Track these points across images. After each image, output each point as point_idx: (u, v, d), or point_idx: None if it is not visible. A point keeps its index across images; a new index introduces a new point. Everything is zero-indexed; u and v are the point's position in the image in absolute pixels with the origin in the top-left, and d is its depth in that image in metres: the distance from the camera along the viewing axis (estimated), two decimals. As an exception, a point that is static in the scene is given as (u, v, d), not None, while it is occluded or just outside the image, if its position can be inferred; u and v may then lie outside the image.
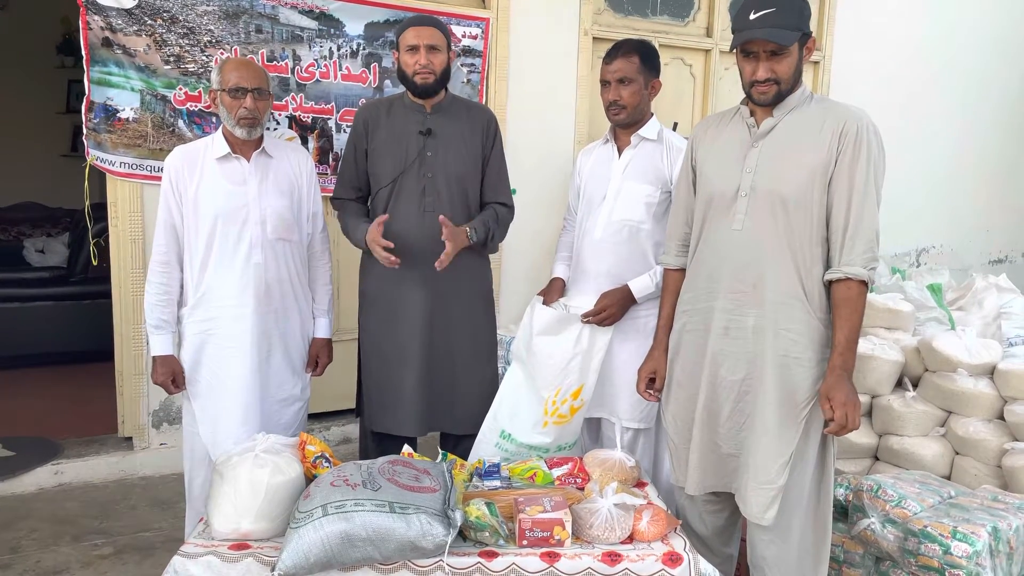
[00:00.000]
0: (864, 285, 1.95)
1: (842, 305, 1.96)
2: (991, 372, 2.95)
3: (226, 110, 2.38)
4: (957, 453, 2.92)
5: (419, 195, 2.55)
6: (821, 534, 2.12)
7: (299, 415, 2.63)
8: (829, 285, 2.00)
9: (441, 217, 2.43)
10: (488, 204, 2.68)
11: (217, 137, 2.45)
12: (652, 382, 2.32)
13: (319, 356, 2.66)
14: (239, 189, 2.42)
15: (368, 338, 2.66)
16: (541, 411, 2.52)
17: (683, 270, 2.25)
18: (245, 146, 2.44)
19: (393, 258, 2.41)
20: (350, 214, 2.65)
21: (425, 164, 2.56)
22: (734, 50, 2.03)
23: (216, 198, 2.40)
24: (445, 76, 2.56)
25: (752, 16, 1.94)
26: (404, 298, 2.57)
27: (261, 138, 2.47)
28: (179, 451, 3.49)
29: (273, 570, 1.77)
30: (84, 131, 3.21)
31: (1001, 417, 2.88)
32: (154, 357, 2.46)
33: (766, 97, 2.00)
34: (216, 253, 2.41)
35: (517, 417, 2.55)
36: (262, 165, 2.46)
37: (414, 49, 2.49)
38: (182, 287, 2.47)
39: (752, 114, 2.08)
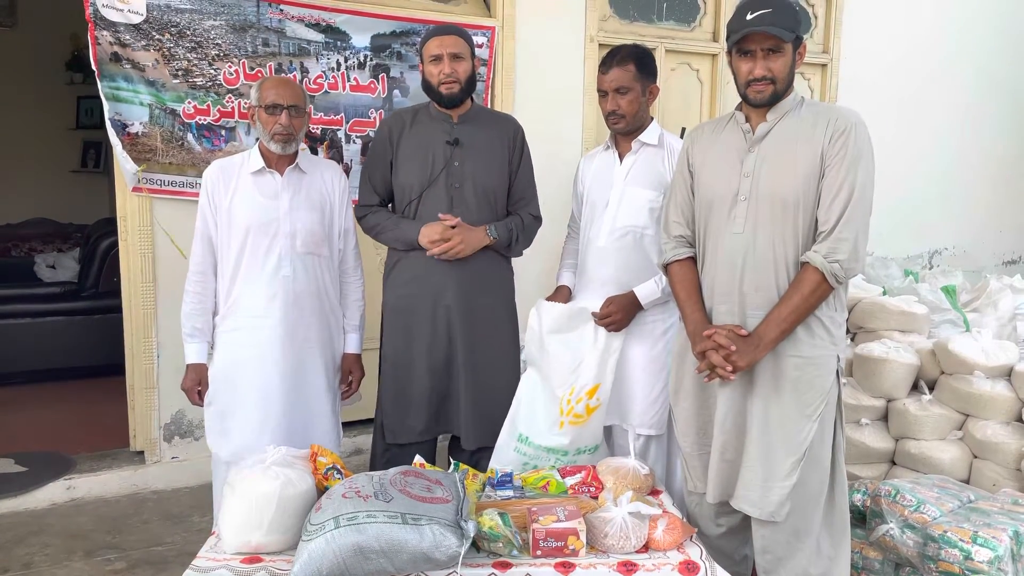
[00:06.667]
0: (822, 276, 1.95)
1: (792, 285, 1.99)
2: (1008, 374, 2.91)
3: (262, 126, 2.45)
4: (975, 457, 2.88)
5: (447, 205, 2.54)
6: (839, 537, 2.10)
7: (328, 432, 2.60)
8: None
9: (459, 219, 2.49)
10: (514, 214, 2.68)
11: (254, 152, 2.52)
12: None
13: (351, 371, 2.67)
14: (271, 203, 2.47)
15: (391, 349, 2.63)
16: (557, 411, 2.50)
17: (690, 259, 2.22)
18: (280, 161, 2.50)
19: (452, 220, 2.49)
20: (386, 216, 2.63)
21: (452, 174, 2.55)
22: (730, 52, 2.05)
23: (248, 211, 2.45)
24: (470, 85, 2.56)
25: (749, 16, 1.97)
26: (429, 308, 2.56)
27: (296, 154, 2.52)
28: (190, 464, 3.51)
29: (286, 583, 1.76)
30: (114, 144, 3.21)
31: (1020, 419, 2.84)
32: (188, 365, 2.52)
33: (762, 96, 2.02)
34: (246, 264, 2.47)
35: (534, 419, 2.53)
36: (295, 180, 2.51)
37: (438, 59, 2.49)
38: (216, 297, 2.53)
39: (747, 119, 2.10)
